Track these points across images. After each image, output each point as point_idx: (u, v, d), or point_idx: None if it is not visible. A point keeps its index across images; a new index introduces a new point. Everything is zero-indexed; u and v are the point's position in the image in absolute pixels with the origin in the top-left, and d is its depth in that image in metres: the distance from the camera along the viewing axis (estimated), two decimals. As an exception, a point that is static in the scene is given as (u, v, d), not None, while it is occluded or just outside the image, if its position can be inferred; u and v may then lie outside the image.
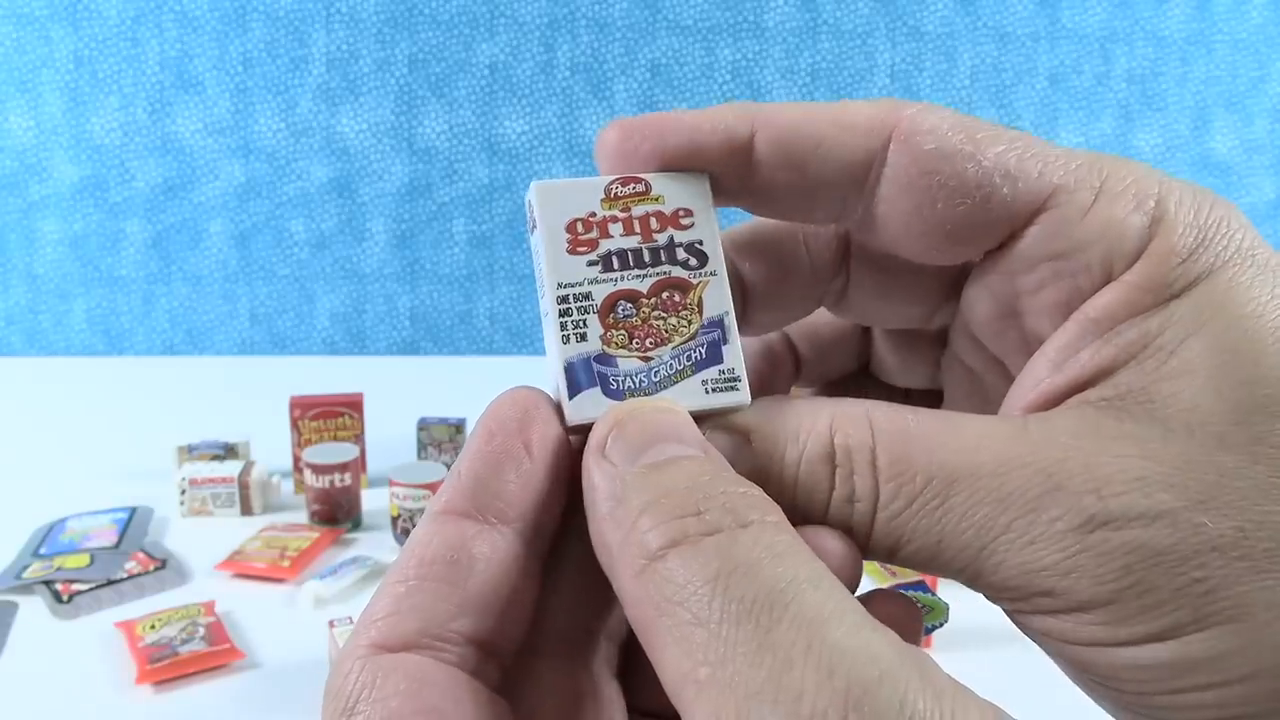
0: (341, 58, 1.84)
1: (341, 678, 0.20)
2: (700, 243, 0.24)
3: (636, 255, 0.24)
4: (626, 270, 0.24)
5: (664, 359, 0.24)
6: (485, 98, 1.88)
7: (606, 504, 0.21)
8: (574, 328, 0.24)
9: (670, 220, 0.25)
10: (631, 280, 0.24)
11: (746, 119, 0.24)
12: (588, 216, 0.24)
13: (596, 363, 0.23)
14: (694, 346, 0.24)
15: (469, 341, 1.96)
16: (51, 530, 1.16)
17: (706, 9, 1.86)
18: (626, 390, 0.23)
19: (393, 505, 1.14)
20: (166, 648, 0.91)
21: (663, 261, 0.24)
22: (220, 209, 1.88)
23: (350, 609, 1.01)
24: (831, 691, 0.17)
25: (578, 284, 0.24)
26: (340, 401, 1.29)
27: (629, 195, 0.25)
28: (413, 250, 1.92)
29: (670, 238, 0.24)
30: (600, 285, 0.24)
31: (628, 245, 0.24)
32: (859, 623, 0.18)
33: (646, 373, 0.24)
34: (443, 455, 1.29)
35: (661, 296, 0.24)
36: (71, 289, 1.88)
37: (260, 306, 1.92)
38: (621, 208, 0.24)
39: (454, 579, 0.21)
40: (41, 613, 1.01)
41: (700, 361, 0.24)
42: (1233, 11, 1.92)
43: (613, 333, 0.24)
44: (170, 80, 1.83)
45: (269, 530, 1.16)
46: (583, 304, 0.24)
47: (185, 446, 1.31)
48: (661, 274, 0.24)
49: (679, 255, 0.24)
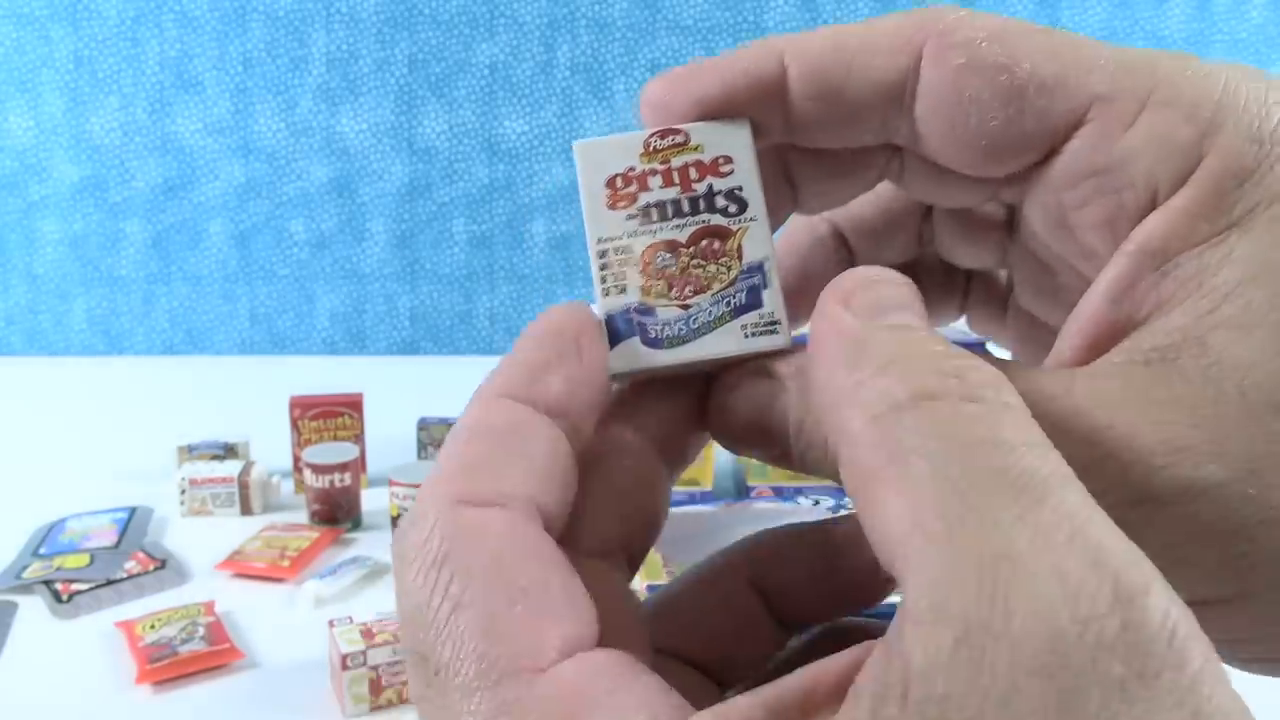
0: (341, 58, 1.84)
1: (425, 530, 0.19)
2: (740, 189, 0.24)
3: (675, 206, 0.24)
4: (665, 221, 0.24)
5: (703, 306, 0.24)
6: (485, 98, 1.87)
7: (845, 350, 0.19)
8: (614, 280, 0.24)
9: (709, 169, 0.25)
10: (670, 231, 0.24)
11: (775, 55, 0.24)
12: (626, 171, 0.25)
13: (636, 313, 0.24)
14: (733, 292, 0.24)
15: (469, 341, 1.96)
16: (51, 530, 1.16)
17: (706, 9, 1.86)
18: (665, 338, 0.24)
19: (393, 505, 1.14)
20: (166, 647, 0.91)
21: (701, 210, 0.24)
22: (220, 209, 1.88)
23: (350, 609, 1.01)
24: (1099, 579, 0.15)
25: (616, 238, 0.24)
26: (340, 401, 1.29)
27: (668, 147, 0.25)
28: (413, 250, 1.92)
29: (709, 186, 0.24)
30: (639, 237, 0.24)
31: (666, 196, 0.25)
32: (1120, 534, 0.16)
33: (685, 320, 0.24)
34: (443, 455, 1.29)
35: (700, 245, 0.24)
36: (71, 289, 1.88)
37: (260, 306, 1.92)
38: (660, 160, 0.25)
39: (519, 449, 0.21)
40: (41, 612, 1.01)
41: (740, 307, 0.24)
42: (1232, 11, 1.92)
43: (652, 283, 0.24)
44: (170, 80, 1.83)
45: (269, 530, 1.16)
46: (622, 256, 0.24)
47: (185, 446, 1.31)
48: (700, 222, 0.24)
49: (718, 203, 0.24)
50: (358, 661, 0.85)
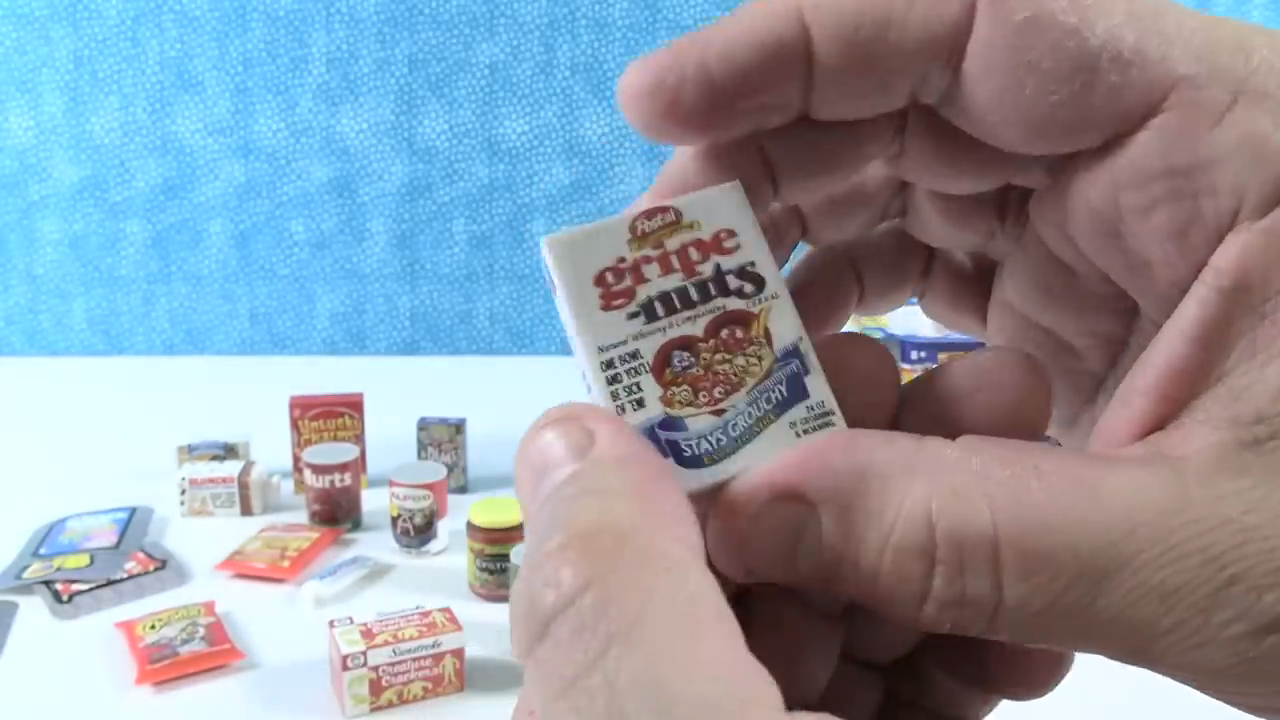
0: (341, 58, 1.84)
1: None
2: (752, 264, 0.21)
3: (682, 295, 0.21)
4: (674, 315, 0.21)
5: (739, 407, 0.20)
6: (485, 98, 1.87)
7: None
8: (627, 395, 0.20)
9: (711, 246, 0.21)
10: (683, 325, 0.21)
11: (792, 12, 0.19)
12: (616, 264, 0.21)
13: (662, 430, 0.20)
14: (771, 386, 0.20)
15: (469, 341, 1.96)
16: (51, 530, 1.16)
17: (707, 9, 1.86)
18: (704, 454, 0.20)
19: (393, 505, 1.14)
20: (166, 648, 0.91)
21: (714, 295, 0.21)
22: (220, 209, 1.88)
23: (350, 609, 1.01)
24: None
25: (620, 343, 0.20)
26: (340, 401, 1.29)
27: (659, 229, 0.21)
28: (413, 250, 1.92)
29: (716, 266, 0.21)
30: (647, 339, 0.21)
31: (669, 286, 0.21)
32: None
33: (723, 428, 0.20)
34: (443, 455, 1.29)
35: (721, 336, 0.21)
36: (71, 289, 1.88)
37: (260, 306, 1.92)
38: (653, 244, 0.21)
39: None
40: (41, 613, 1.01)
41: (782, 401, 0.20)
42: (1233, 12, 1.92)
43: (673, 390, 0.20)
44: (170, 80, 1.83)
45: (269, 530, 1.16)
46: (631, 365, 0.20)
47: (185, 446, 1.31)
48: (715, 310, 0.21)
49: (731, 284, 0.21)
50: (358, 662, 0.85)
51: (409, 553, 1.14)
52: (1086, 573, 0.17)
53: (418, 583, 1.08)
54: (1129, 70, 0.18)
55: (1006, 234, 0.24)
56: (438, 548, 1.14)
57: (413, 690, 0.87)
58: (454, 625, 0.89)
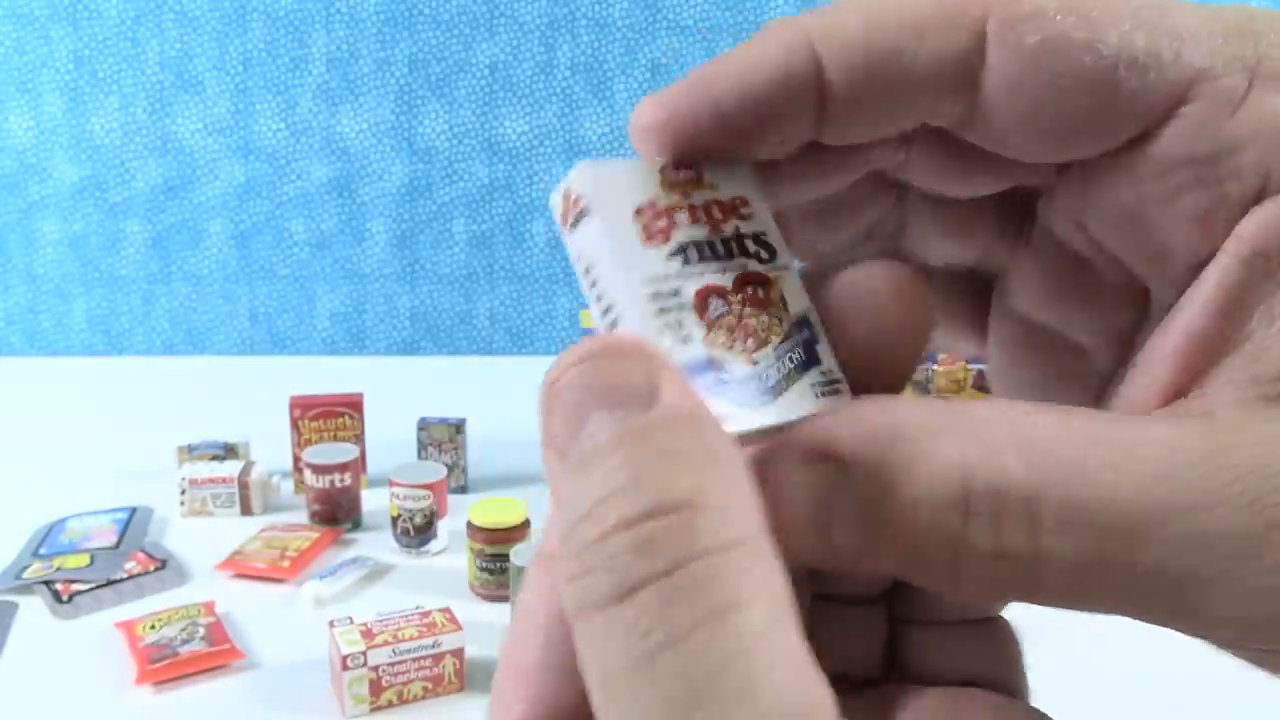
0: (341, 58, 1.84)
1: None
2: (764, 234, 0.22)
3: (711, 247, 0.21)
4: (706, 263, 0.21)
5: (770, 361, 0.21)
6: (485, 98, 1.87)
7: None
8: (674, 330, 0.20)
9: (730, 210, 0.22)
10: (714, 275, 0.21)
11: (803, 44, 0.20)
12: (651, 203, 0.21)
13: (706, 369, 0.20)
14: (791, 347, 0.21)
15: (469, 341, 1.96)
16: (51, 530, 1.16)
17: (706, 8, 1.86)
18: (744, 401, 0.20)
19: (393, 505, 1.14)
20: (166, 648, 0.91)
21: (735, 254, 0.21)
22: (220, 209, 1.88)
23: (350, 609, 1.01)
24: None
25: (665, 278, 0.20)
26: (340, 401, 1.29)
27: (685, 182, 0.21)
28: (413, 250, 1.92)
29: (736, 228, 0.21)
30: (687, 280, 0.21)
31: (699, 236, 0.21)
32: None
33: (758, 378, 0.20)
34: (443, 455, 1.29)
35: (747, 291, 0.21)
36: (71, 289, 1.88)
37: (260, 306, 1.92)
38: (681, 193, 0.21)
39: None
40: (41, 613, 1.01)
41: (802, 363, 0.21)
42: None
43: (714, 332, 0.20)
44: (170, 80, 1.83)
45: (269, 530, 1.16)
46: (675, 300, 0.20)
47: (185, 446, 1.31)
48: (739, 267, 0.21)
49: (749, 247, 0.21)
50: (358, 662, 0.85)
51: (409, 553, 1.14)
52: (1124, 522, 0.17)
53: (418, 583, 1.08)
54: (1146, 74, 0.19)
55: (1006, 241, 0.24)
56: (438, 548, 1.14)
57: (412, 690, 0.87)
58: (454, 625, 0.89)
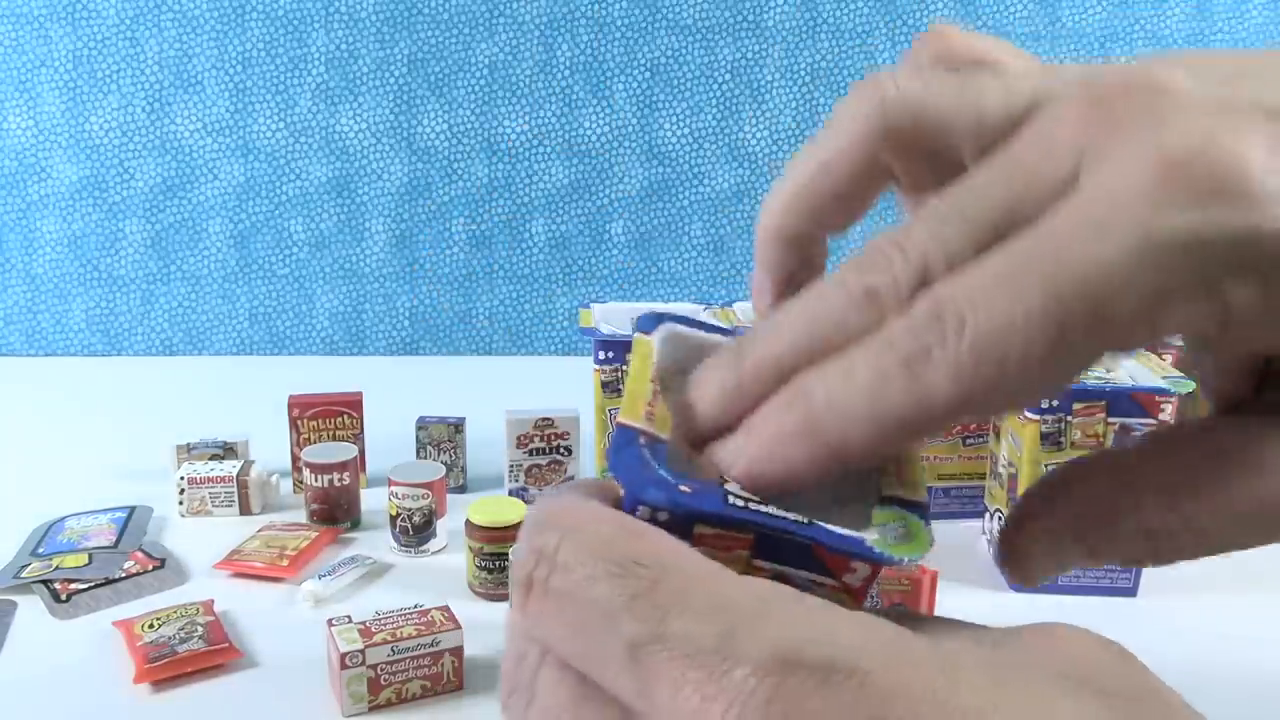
0: (341, 57, 1.84)
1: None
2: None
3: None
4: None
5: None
6: (485, 97, 1.87)
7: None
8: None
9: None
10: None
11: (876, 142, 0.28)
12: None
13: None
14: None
15: (468, 341, 1.96)
16: (50, 529, 1.16)
17: (706, 8, 1.86)
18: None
19: (392, 504, 1.14)
20: (165, 647, 0.91)
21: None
22: (219, 209, 1.88)
23: (349, 608, 1.01)
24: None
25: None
26: (339, 401, 1.29)
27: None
28: (412, 250, 1.91)
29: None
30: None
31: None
32: None
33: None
34: (442, 455, 1.29)
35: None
36: (70, 289, 1.88)
37: (259, 306, 1.92)
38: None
39: None
40: (40, 612, 1.00)
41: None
42: (1233, 11, 1.92)
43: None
44: (169, 79, 1.83)
45: (268, 529, 1.16)
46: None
47: (184, 446, 1.31)
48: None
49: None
50: (356, 660, 0.85)
51: (408, 551, 1.14)
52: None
53: (416, 581, 1.08)
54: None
55: None
56: (436, 546, 1.14)
57: (411, 689, 0.87)
58: (453, 624, 0.89)
